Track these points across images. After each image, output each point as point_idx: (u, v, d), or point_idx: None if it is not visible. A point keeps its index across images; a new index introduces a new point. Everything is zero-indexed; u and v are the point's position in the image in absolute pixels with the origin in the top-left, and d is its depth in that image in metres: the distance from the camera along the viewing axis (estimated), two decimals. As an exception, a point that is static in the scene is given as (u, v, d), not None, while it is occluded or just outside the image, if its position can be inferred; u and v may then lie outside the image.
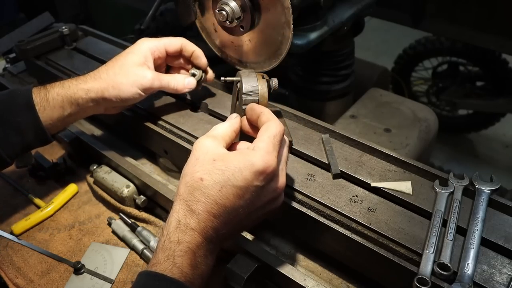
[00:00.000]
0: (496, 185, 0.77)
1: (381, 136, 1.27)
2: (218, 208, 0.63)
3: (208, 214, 0.63)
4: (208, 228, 0.63)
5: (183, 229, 0.62)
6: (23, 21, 1.63)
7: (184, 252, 0.61)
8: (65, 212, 1.04)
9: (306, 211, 0.78)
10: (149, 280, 0.61)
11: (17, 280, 0.89)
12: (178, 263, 0.60)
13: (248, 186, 0.62)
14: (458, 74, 2.65)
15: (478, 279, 0.65)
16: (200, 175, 0.63)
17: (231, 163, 0.63)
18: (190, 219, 0.63)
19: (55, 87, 0.89)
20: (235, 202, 0.63)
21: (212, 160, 0.64)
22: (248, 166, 0.62)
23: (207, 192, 0.62)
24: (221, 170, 0.62)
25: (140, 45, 0.93)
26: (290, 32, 0.86)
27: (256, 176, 0.62)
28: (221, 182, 0.62)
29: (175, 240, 0.62)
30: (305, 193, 0.81)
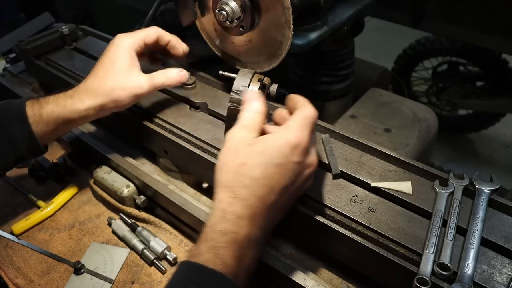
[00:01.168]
0: (496, 185, 0.77)
1: (381, 136, 1.27)
2: (264, 190, 0.63)
3: (255, 198, 0.62)
4: (255, 214, 0.62)
5: (229, 218, 0.61)
6: (23, 21, 1.63)
7: (229, 244, 0.60)
8: (65, 212, 1.04)
9: (305, 211, 0.78)
10: (189, 270, 0.60)
11: (17, 280, 0.89)
12: (221, 255, 0.59)
13: (288, 163, 0.64)
14: (458, 74, 2.65)
15: (478, 279, 0.65)
16: (242, 161, 0.64)
17: (268, 143, 0.65)
18: (236, 206, 0.62)
19: (49, 104, 0.87)
20: (279, 181, 0.64)
21: (250, 145, 0.66)
22: (285, 143, 0.65)
23: (252, 175, 0.63)
24: (261, 151, 0.64)
25: (121, 44, 0.91)
26: (290, 32, 0.86)
27: (293, 151, 0.65)
28: (264, 163, 0.63)
29: (219, 231, 0.61)
30: (305, 193, 0.81)
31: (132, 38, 0.92)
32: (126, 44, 0.91)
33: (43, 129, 0.86)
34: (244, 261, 0.61)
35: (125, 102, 0.89)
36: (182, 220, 0.94)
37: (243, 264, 0.61)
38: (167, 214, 0.98)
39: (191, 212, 0.88)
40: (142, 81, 0.90)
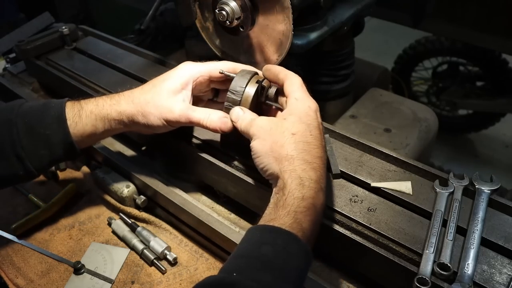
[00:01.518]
0: (496, 185, 0.77)
1: (381, 136, 1.27)
2: (320, 150, 0.69)
3: (318, 159, 0.68)
4: (322, 176, 0.68)
5: (307, 184, 0.65)
6: (23, 21, 1.63)
7: (307, 209, 0.63)
8: (65, 212, 1.04)
9: (306, 211, 0.78)
10: (265, 233, 0.61)
11: (17, 280, 0.89)
12: (299, 218, 0.62)
13: (318, 123, 0.73)
14: (458, 74, 2.65)
15: (478, 279, 0.65)
16: (290, 132, 0.69)
17: (297, 112, 0.72)
18: (310, 171, 0.66)
19: (89, 104, 0.86)
20: (322, 139, 0.71)
21: (283, 120, 0.72)
22: (308, 109, 0.73)
23: (306, 140, 0.69)
24: (297, 121, 0.71)
25: (181, 70, 0.85)
26: (290, 32, 0.86)
27: (316, 112, 0.74)
28: (307, 128, 0.70)
29: (299, 196, 0.63)
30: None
31: (197, 67, 0.86)
32: (187, 71, 0.85)
33: (80, 131, 0.85)
34: (316, 226, 0.65)
35: (154, 122, 0.83)
36: (182, 220, 0.94)
37: (316, 229, 0.64)
38: (167, 214, 0.97)
39: (191, 212, 0.88)
40: (177, 107, 0.82)
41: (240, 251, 0.62)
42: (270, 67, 0.82)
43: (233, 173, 0.87)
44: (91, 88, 1.19)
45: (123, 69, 1.24)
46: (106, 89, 1.16)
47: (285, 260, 0.58)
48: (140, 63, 1.27)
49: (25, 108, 0.85)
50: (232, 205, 0.97)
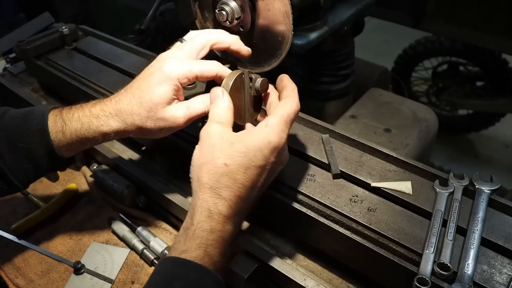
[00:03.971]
0: (496, 185, 0.77)
1: (381, 136, 1.27)
2: (245, 191, 0.65)
3: (237, 198, 0.64)
4: (237, 212, 0.65)
5: (215, 218, 0.63)
6: (23, 21, 1.63)
7: (216, 241, 0.62)
8: (65, 212, 1.04)
9: (306, 211, 0.78)
10: (178, 266, 0.60)
11: (17, 280, 0.89)
12: (210, 252, 0.61)
13: (267, 163, 0.66)
14: (458, 74, 2.65)
15: (478, 279, 0.65)
16: (223, 161, 0.64)
17: (250, 143, 0.65)
18: (221, 206, 0.64)
19: (73, 122, 0.77)
20: (258, 180, 0.66)
21: (230, 144, 0.65)
22: (266, 144, 0.65)
23: (234, 177, 0.64)
24: (243, 152, 0.65)
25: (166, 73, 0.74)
26: (290, 32, 0.86)
27: (273, 152, 0.66)
28: (245, 164, 0.64)
29: (207, 229, 0.62)
30: (305, 193, 0.81)
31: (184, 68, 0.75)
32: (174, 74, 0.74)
33: (64, 145, 0.79)
34: (225, 257, 0.64)
35: (155, 135, 0.78)
36: (182, 220, 0.93)
37: (225, 260, 0.64)
38: (167, 214, 0.97)
39: (191, 212, 0.88)
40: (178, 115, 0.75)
41: (152, 286, 0.61)
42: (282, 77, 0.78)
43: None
44: (91, 88, 1.18)
45: (123, 69, 1.24)
46: (106, 89, 1.16)
47: None
48: (140, 63, 1.27)
49: (6, 120, 0.80)
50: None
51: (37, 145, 0.78)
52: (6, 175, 0.78)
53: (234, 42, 0.82)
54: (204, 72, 0.76)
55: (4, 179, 0.79)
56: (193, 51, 0.78)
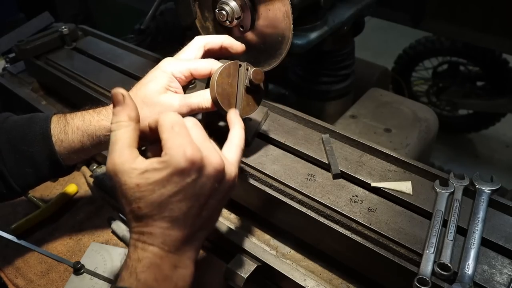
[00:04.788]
0: (496, 185, 0.77)
1: (381, 136, 1.27)
2: (168, 221, 0.60)
3: (162, 229, 0.60)
4: (167, 240, 0.61)
5: (141, 247, 0.61)
6: (23, 21, 1.63)
7: (147, 268, 0.60)
8: (65, 212, 1.04)
9: (306, 211, 0.78)
10: None
11: (17, 280, 0.89)
12: (142, 279, 0.59)
13: (183, 188, 0.60)
14: (458, 74, 2.65)
15: (478, 279, 0.65)
16: (135, 205, 0.60)
17: (155, 179, 0.59)
18: (146, 239, 0.61)
19: (75, 119, 0.79)
20: (180, 207, 0.60)
21: (136, 186, 0.60)
22: (173, 172, 0.59)
23: (150, 215, 0.60)
24: (150, 190, 0.59)
25: (162, 68, 0.79)
26: (290, 32, 0.86)
27: (185, 174, 0.59)
28: (157, 200, 0.59)
29: (135, 259, 0.60)
30: (305, 193, 0.81)
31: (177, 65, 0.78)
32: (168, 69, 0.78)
33: (67, 148, 0.79)
34: (171, 281, 0.61)
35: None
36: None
37: (170, 284, 0.61)
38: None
39: (191, 212, 0.88)
40: (174, 100, 0.77)
41: None
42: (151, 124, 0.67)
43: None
44: (91, 88, 1.18)
45: (123, 69, 1.24)
46: (106, 89, 1.16)
47: None
48: (140, 63, 1.27)
49: (9, 123, 0.80)
50: (232, 205, 0.96)
51: (39, 148, 0.78)
52: (6, 177, 0.78)
53: (225, 39, 0.82)
54: (197, 68, 0.77)
55: (4, 182, 0.78)
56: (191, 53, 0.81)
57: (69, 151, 0.79)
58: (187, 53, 0.81)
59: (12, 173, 0.78)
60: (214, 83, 0.74)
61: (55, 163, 0.79)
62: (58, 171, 0.81)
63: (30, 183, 0.81)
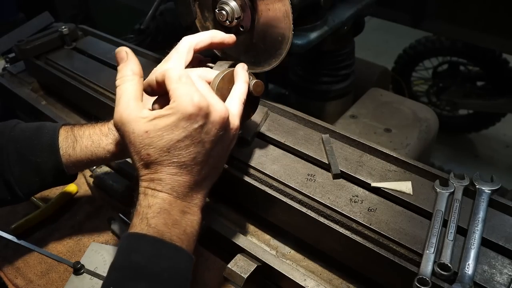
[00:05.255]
0: (496, 185, 0.77)
1: (381, 136, 1.27)
2: (176, 166, 0.63)
3: (171, 175, 0.63)
4: (175, 186, 0.64)
5: (151, 194, 0.64)
6: (23, 21, 1.63)
7: (157, 213, 0.62)
8: (65, 212, 1.04)
9: (306, 211, 0.78)
10: (130, 240, 0.62)
11: (17, 281, 0.89)
12: (152, 224, 0.62)
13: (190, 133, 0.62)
14: (459, 74, 2.64)
15: (478, 280, 0.65)
16: (145, 152, 0.63)
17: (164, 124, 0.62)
18: (155, 185, 0.64)
19: (84, 139, 0.80)
20: (188, 152, 0.63)
21: (145, 133, 0.63)
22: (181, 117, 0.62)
23: (160, 160, 0.63)
24: (159, 136, 0.62)
25: None
26: (290, 32, 0.86)
27: (192, 119, 0.62)
28: (166, 145, 0.62)
29: (146, 205, 0.63)
30: (305, 193, 0.81)
31: None
32: None
33: (73, 162, 0.81)
34: (180, 226, 0.64)
35: None
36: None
37: (179, 229, 0.63)
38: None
39: (191, 212, 0.88)
40: None
41: (113, 263, 0.62)
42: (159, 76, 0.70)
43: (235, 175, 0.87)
44: (91, 88, 1.18)
45: (123, 69, 1.23)
46: (106, 89, 1.16)
47: (156, 264, 0.59)
48: (140, 63, 1.26)
49: (17, 132, 0.82)
50: (232, 205, 0.96)
51: (46, 159, 0.79)
52: (12, 186, 0.79)
53: (213, 35, 0.81)
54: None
55: (9, 190, 0.80)
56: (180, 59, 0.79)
57: (75, 165, 0.81)
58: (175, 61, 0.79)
59: (18, 182, 0.79)
60: (214, 88, 0.74)
61: (60, 173, 0.81)
62: (62, 179, 0.83)
63: (34, 190, 0.83)
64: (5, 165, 0.78)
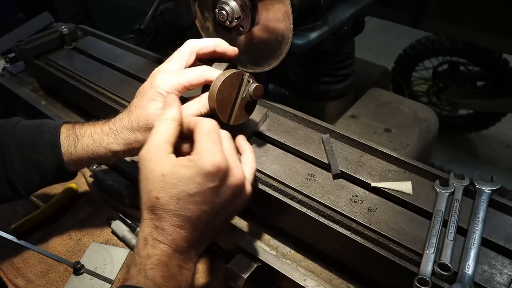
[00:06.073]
0: (496, 185, 0.77)
1: (381, 136, 1.27)
2: (182, 219, 0.62)
3: (174, 227, 0.62)
4: (176, 239, 0.63)
5: (151, 244, 0.62)
6: (23, 20, 1.62)
7: (155, 265, 0.61)
8: (65, 212, 1.04)
9: (306, 211, 0.78)
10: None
11: (17, 281, 0.89)
12: (150, 276, 0.60)
13: (203, 190, 0.62)
14: (459, 74, 2.64)
15: (478, 280, 0.65)
16: (155, 194, 0.62)
17: (181, 174, 0.62)
18: (157, 235, 0.63)
19: (85, 138, 0.81)
20: (196, 209, 0.62)
21: (161, 176, 0.63)
22: (198, 172, 0.61)
23: (167, 208, 0.62)
24: (173, 184, 0.62)
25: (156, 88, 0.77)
26: (290, 32, 0.86)
27: (208, 178, 0.62)
28: (177, 195, 0.62)
29: (145, 255, 0.62)
30: (305, 193, 0.81)
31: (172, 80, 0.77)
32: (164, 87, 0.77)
33: (75, 160, 0.82)
34: (176, 279, 0.63)
35: None
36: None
37: (175, 282, 0.62)
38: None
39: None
40: None
41: None
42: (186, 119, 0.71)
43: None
44: (91, 88, 1.18)
45: (122, 69, 1.24)
46: (106, 89, 1.16)
47: None
48: (140, 63, 1.26)
49: (19, 129, 0.82)
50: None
51: (47, 157, 0.80)
52: (14, 183, 0.80)
53: (218, 44, 0.81)
54: (191, 81, 0.77)
55: (11, 187, 0.81)
56: (182, 61, 0.80)
57: (76, 163, 0.82)
58: (177, 61, 0.80)
59: (20, 179, 0.80)
60: (215, 90, 0.75)
61: (62, 171, 0.82)
62: (63, 177, 0.84)
63: (35, 187, 0.84)
64: (7, 163, 0.79)
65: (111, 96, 1.13)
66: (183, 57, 0.80)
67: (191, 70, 0.78)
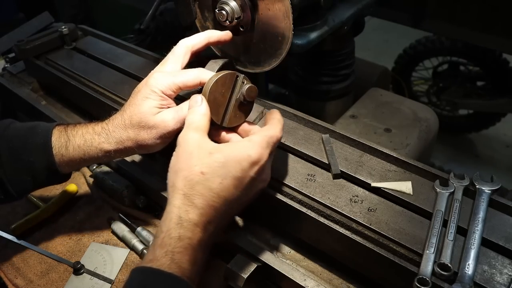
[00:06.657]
0: (496, 185, 0.77)
1: (381, 136, 1.27)
2: (219, 201, 0.64)
3: (210, 207, 0.64)
4: (209, 222, 0.64)
5: (185, 226, 0.63)
6: (23, 20, 1.62)
7: (185, 249, 0.61)
8: (64, 212, 1.04)
9: (306, 211, 0.78)
10: (144, 276, 0.60)
11: (17, 281, 0.89)
12: (177, 259, 0.61)
13: (245, 177, 0.66)
14: (459, 74, 2.64)
15: (478, 280, 0.65)
16: (200, 169, 0.64)
17: (229, 154, 0.65)
18: (192, 214, 0.63)
19: (77, 138, 0.81)
20: (234, 193, 0.65)
21: (209, 153, 0.65)
22: (246, 158, 0.65)
23: (209, 185, 0.64)
24: (221, 162, 0.65)
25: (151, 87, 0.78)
26: (290, 32, 0.86)
27: (251, 166, 0.66)
28: (222, 175, 0.64)
29: (175, 236, 0.62)
30: (305, 193, 0.81)
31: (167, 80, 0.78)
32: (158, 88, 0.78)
33: (66, 161, 0.82)
34: (197, 265, 0.63)
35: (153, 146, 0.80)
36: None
37: (196, 268, 0.63)
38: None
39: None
40: (167, 119, 0.78)
41: None
42: (273, 110, 0.79)
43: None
44: (91, 88, 1.18)
45: (122, 69, 1.24)
46: (106, 89, 1.16)
47: None
48: (140, 63, 1.26)
49: (11, 131, 0.82)
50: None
51: (39, 158, 0.80)
52: (4, 184, 0.80)
53: (209, 36, 0.83)
54: (186, 83, 0.78)
55: (2, 188, 0.81)
56: (177, 62, 0.81)
57: (68, 164, 0.82)
58: (172, 63, 0.81)
59: (11, 180, 0.80)
60: (207, 91, 0.75)
61: (53, 173, 0.82)
62: (55, 178, 0.84)
63: (27, 189, 0.84)
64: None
65: (111, 96, 1.13)
66: (177, 58, 0.81)
67: (187, 72, 0.79)
